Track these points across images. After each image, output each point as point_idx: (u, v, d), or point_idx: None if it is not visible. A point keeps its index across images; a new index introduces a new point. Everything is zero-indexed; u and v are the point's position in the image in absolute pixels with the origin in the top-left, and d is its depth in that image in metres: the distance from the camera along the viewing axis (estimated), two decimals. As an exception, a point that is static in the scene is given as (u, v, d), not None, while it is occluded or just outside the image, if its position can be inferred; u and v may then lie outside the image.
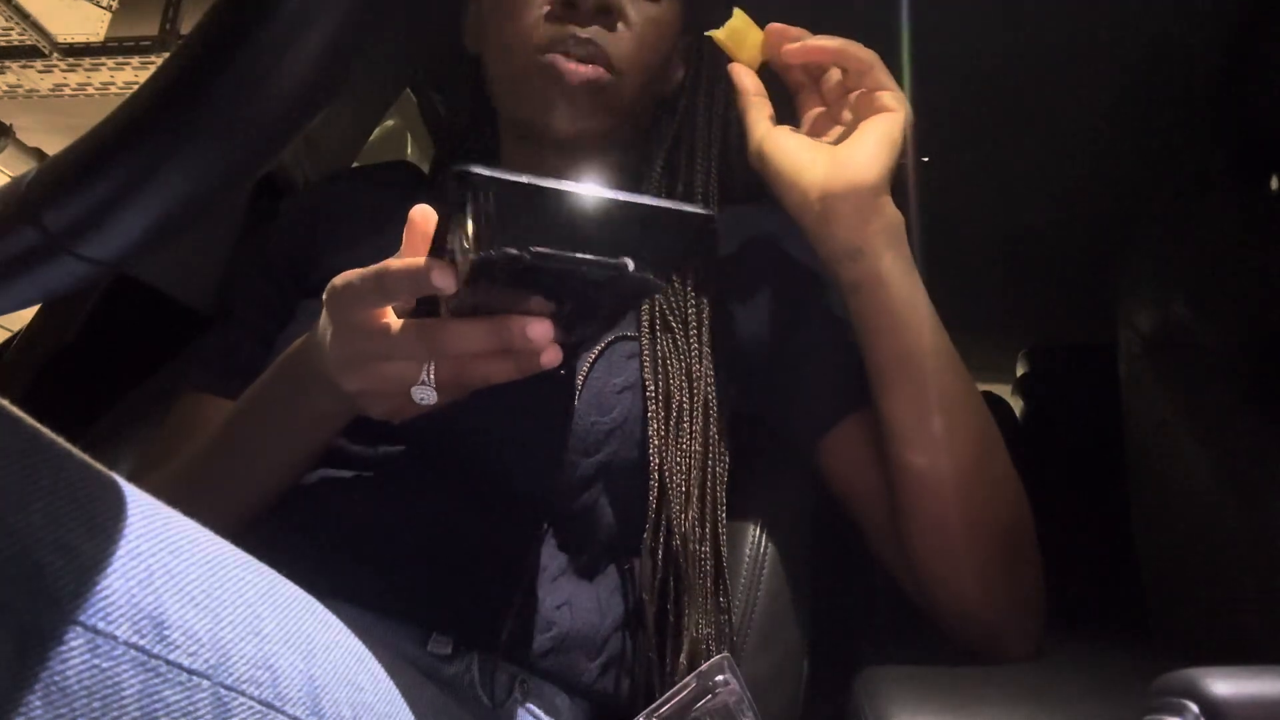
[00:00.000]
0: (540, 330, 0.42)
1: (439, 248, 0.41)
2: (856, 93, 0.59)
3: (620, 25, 0.64)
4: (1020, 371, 2.04)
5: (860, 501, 0.65)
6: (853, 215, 0.55)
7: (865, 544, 0.66)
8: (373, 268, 0.44)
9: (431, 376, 0.45)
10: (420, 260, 0.42)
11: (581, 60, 0.62)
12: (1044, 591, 0.60)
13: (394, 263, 0.43)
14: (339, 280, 0.46)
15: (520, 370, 0.45)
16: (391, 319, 0.45)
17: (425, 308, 0.46)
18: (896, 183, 0.57)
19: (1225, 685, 0.33)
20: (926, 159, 1.32)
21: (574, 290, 0.41)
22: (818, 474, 0.68)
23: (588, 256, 0.38)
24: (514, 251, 0.38)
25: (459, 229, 0.38)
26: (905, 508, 0.59)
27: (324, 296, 0.47)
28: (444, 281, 0.40)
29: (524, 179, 0.37)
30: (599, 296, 0.42)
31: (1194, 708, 0.33)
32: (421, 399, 0.45)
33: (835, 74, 0.60)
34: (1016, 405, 1.99)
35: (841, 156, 0.56)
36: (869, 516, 0.65)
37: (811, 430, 0.66)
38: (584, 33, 0.62)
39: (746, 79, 0.61)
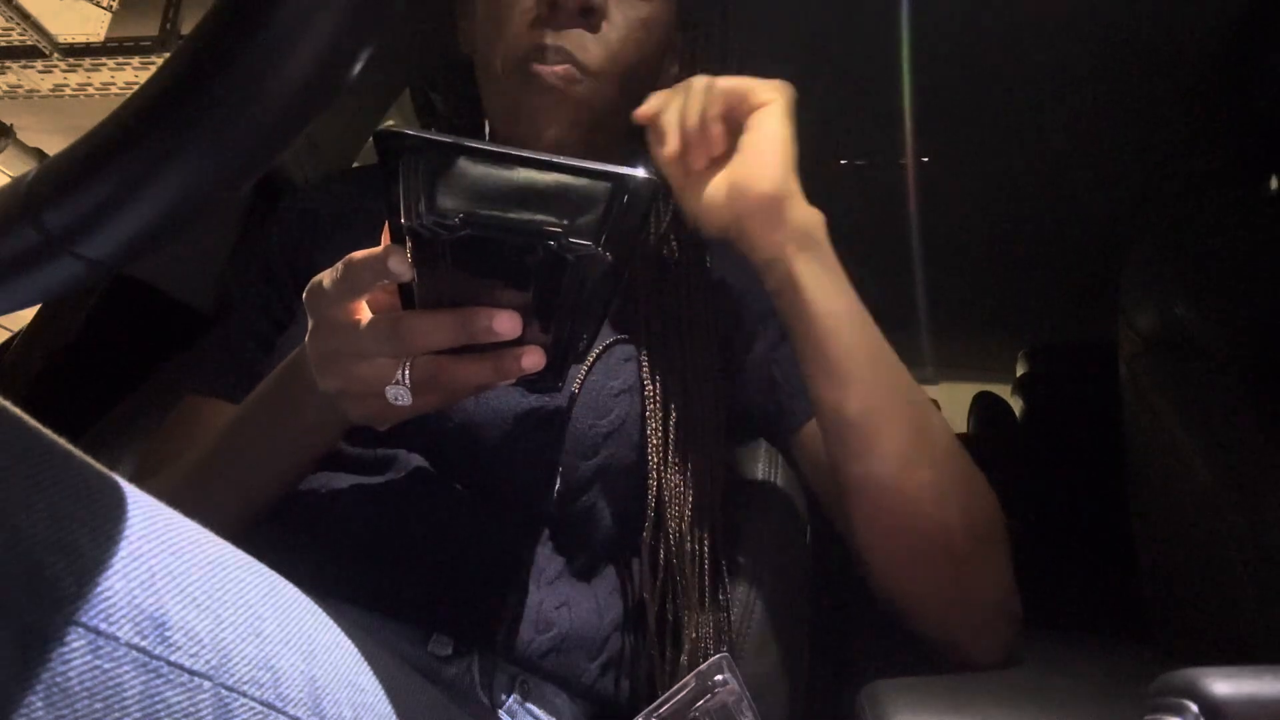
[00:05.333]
0: (506, 321, 0.41)
1: (398, 232, 0.39)
2: (735, 109, 0.56)
3: (604, 25, 0.63)
4: (1020, 371, 2.05)
5: (828, 500, 0.65)
6: (761, 226, 0.55)
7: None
8: (341, 261, 0.43)
9: (407, 376, 0.44)
10: (379, 248, 0.41)
11: (557, 65, 0.62)
12: (1011, 596, 0.57)
13: (358, 253, 0.42)
14: (316, 278, 0.45)
15: (499, 373, 0.44)
16: (364, 315, 0.45)
17: (406, 304, 0.45)
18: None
19: (1225, 685, 0.33)
20: (926, 159, 1.33)
21: (531, 271, 0.39)
22: (795, 469, 0.68)
23: (520, 217, 0.36)
24: (442, 218, 0.36)
25: (394, 200, 0.37)
26: (844, 505, 0.58)
27: (303, 296, 0.46)
28: (398, 266, 0.40)
29: (450, 139, 0.35)
30: (561, 280, 0.40)
31: (1194, 708, 0.33)
32: (396, 399, 0.44)
33: (713, 124, 0.56)
34: (1016, 405, 1.99)
35: (737, 174, 0.55)
36: (833, 514, 0.65)
37: (787, 423, 0.67)
38: (558, 40, 0.62)
39: (664, 147, 0.58)
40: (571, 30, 0.62)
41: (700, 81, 0.57)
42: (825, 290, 0.56)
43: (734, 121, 0.57)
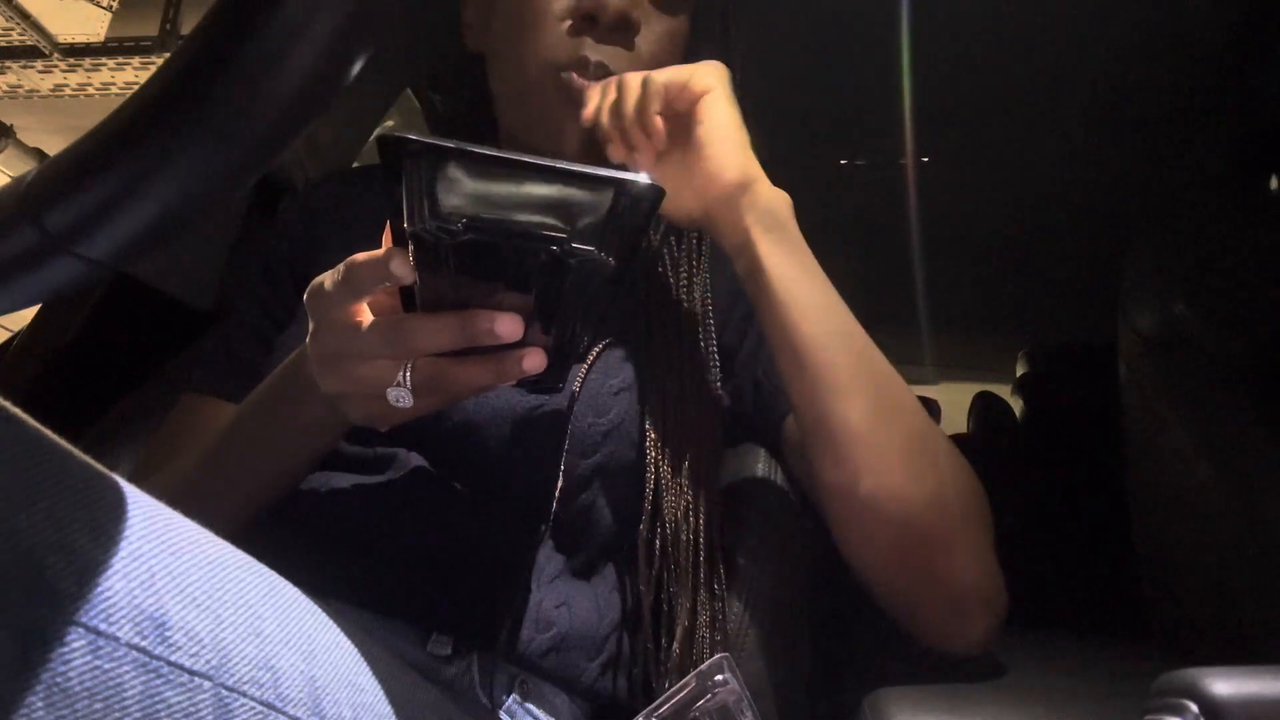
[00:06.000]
0: (508, 324, 0.41)
1: (400, 235, 0.39)
2: (676, 100, 0.58)
3: (638, 41, 0.64)
4: (1020, 371, 2.05)
5: (812, 491, 0.65)
6: (729, 214, 0.57)
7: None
8: (342, 263, 0.43)
9: (408, 378, 0.44)
10: (381, 250, 0.41)
11: (595, 78, 0.62)
12: (992, 585, 0.56)
13: (360, 256, 0.42)
14: (317, 279, 0.45)
15: (501, 375, 0.44)
16: (365, 317, 0.45)
17: (408, 306, 0.45)
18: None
19: (1225, 685, 0.33)
20: (926, 159, 1.33)
21: (533, 274, 0.40)
22: (780, 459, 0.68)
23: (523, 221, 0.36)
24: (445, 222, 0.36)
25: (397, 203, 0.37)
26: (818, 494, 0.58)
27: (304, 297, 0.46)
28: (400, 269, 0.40)
29: (453, 144, 0.35)
30: (563, 284, 0.40)
31: (1194, 708, 0.33)
32: (397, 400, 0.44)
33: (651, 120, 0.58)
34: (1016, 405, 1.99)
35: (700, 169, 0.57)
36: (818, 504, 0.65)
37: (770, 419, 0.67)
38: (598, 55, 0.62)
39: (612, 148, 0.60)
40: (607, 45, 0.63)
41: (634, 78, 0.58)
42: (790, 271, 0.56)
43: (677, 113, 0.58)
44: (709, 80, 0.57)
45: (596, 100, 0.60)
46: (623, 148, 0.59)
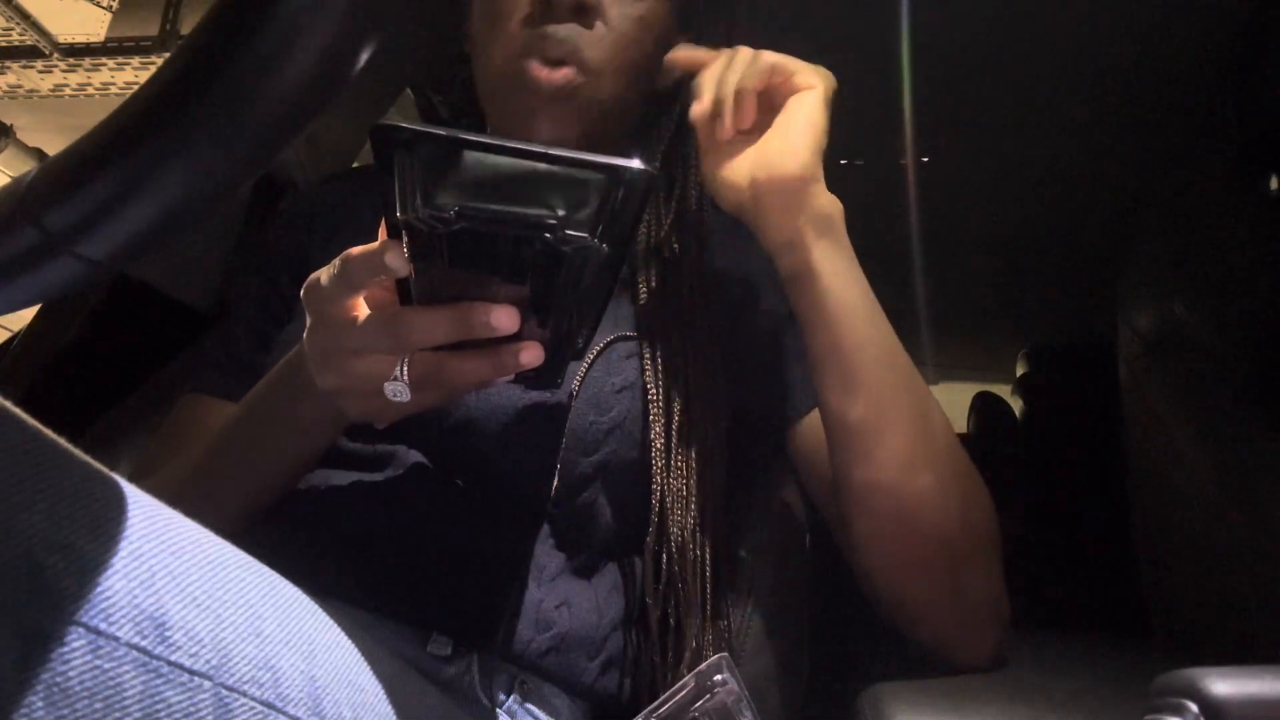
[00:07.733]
0: (503, 316, 0.41)
1: (394, 227, 0.39)
2: (775, 87, 0.58)
3: (599, 24, 0.62)
4: (1020, 371, 2.05)
5: (821, 496, 0.65)
6: (781, 207, 0.56)
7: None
8: (338, 257, 0.43)
9: (405, 373, 0.44)
10: (376, 243, 0.41)
11: (554, 64, 0.61)
12: (1001, 599, 0.57)
13: (355, 249, 0.42)
14: (313, 275, 0.45)
15: (498, 369, 0.44)
16: (361, 311, 0.45)
17: (404, 300, 0.45)
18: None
19: (1225, 685, 0.33)
20: (926, 159, 1.33)
21: (528, 265, 0.39)
22: (789, 464, 0.68)
23: (515, 210, 0.36)
24: (438, 211, 0.36)
25: (389, 194, 0.37)
26: (842, 505, 0.58)
27: (301, 292, 0.46)
28: (395, 261, 0.39)
29: (444, 131, 0.35)
30: (558, 274, 0.40)
31: (1194, 708, 0.33)
32: (394, 395, 0.44)
33: (749, 96, 0.57)
34: (1016, 405, 1.99)
35: (765, 151, 0.56)
36: (826, 510, 0.65)
37: (784, 417, 0.67)
38: (554, 39, 0.61)
39: (697, 104, 0.59)
40: (566, 27, 0.61)
41: (747, 52, 0.58)
42: (842, 278, 0.56)
43: (771, 99, 0.57)
44: (813, 80, 0.56)
45: (700, 55, 0.60)
46: (708, 107, 0.58)
